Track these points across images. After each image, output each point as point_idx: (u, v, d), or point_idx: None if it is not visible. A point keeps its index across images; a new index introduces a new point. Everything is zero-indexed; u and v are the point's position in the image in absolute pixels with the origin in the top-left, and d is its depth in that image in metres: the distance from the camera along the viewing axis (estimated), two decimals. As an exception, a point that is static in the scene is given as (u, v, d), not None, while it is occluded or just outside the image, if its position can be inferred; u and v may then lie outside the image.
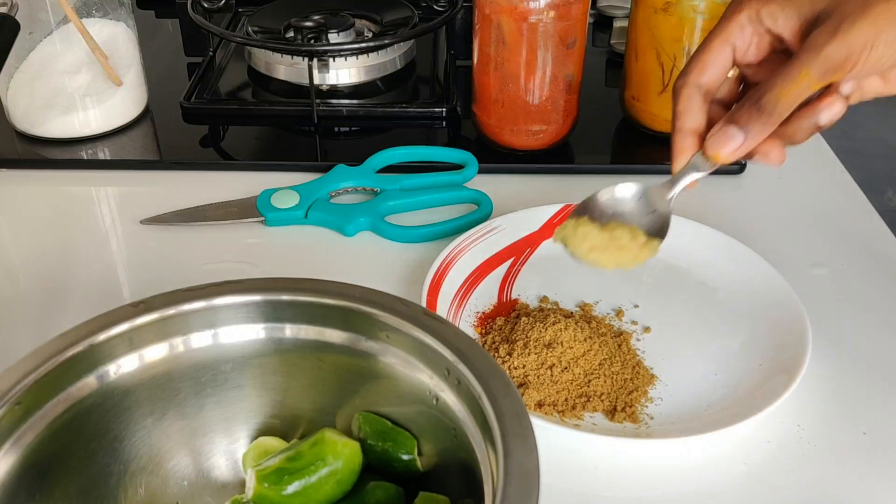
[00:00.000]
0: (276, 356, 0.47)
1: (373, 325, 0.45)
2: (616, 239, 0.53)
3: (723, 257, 0.67)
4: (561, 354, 0.58)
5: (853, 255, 0.70)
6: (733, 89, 0.54)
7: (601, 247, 0.53)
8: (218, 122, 0.86)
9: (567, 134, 0.80)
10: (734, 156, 0.50)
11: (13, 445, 0.40)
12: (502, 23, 0.73)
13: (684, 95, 0.52)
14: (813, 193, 0.77)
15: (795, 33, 0.49)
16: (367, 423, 0.47)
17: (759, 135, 0.49)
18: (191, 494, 0.48)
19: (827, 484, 0.52)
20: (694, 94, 0.52)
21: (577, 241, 0.53)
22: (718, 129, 0.50)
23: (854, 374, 0.59)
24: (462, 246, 0.67)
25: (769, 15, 0.50)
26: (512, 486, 0.35)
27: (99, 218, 0.75)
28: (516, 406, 0.39)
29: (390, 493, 0.45)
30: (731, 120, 0.50)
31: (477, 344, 0.42)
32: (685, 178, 0.53)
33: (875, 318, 0.64)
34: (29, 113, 0.81)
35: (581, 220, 0.54)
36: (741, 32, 0.51)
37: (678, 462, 0.53)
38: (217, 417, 0.48)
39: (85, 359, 0.43)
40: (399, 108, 0.87)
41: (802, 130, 0.51)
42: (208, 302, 0.46)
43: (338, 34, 0.90)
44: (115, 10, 0.81)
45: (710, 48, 0.52)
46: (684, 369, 0.59)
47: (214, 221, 0.72)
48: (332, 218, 0.72)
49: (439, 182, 0.76)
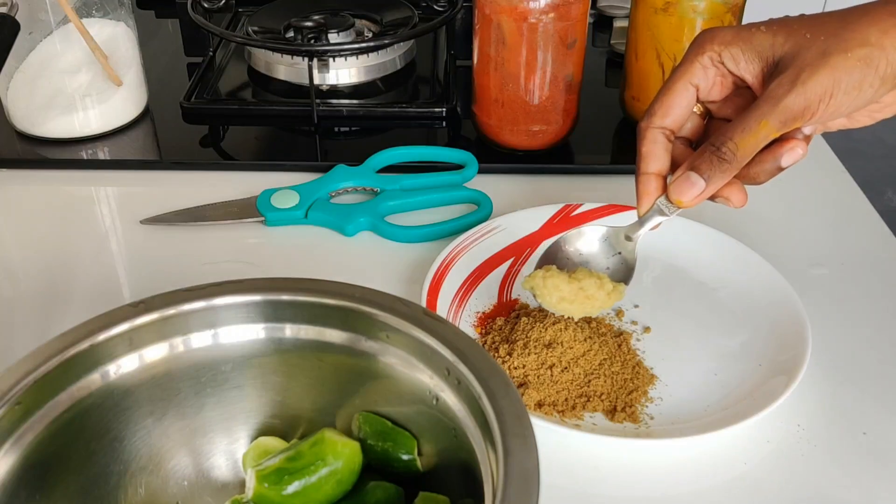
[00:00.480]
0: (276, 356, 0.47)
1: (373, 325, 0.45)
2: (584, 289, 0.56)
3: (723, 257, 0.67)
4: (561, 354, 0.58)
5: (853, 255, 0.70)
6: (697, 125, 0.55)
7: (570, 298, 0.56)
8: (218, 122, 0.86)
9: (567, 134, 0.80)
10: (697, 201, 0.52)
11: (13, 445, 0.40)
12: (502, 23, 0.73)
13: (648, 138, 0.53)
14: (813, 193, 0.77)
15: (757, 76, 0.50)
16: (367, 423, 0.47)
17: (720, 181, 0.51)
18: (191, 494, 0.48)
19: (827, 484, 0.52)
20: (658, 136, 0.53)
21: (547, 293, 0.56)
22: (681, 176, 0.51)
23: (854, 374, 0.59)
24: (462, 246, 0.67)
25: (730, 58, 0.50)
26: (512, 486, 0.35)
27: (99, 218, 0.75)
28: (516, 406, 0.39)
29: (390, 493, 0.45)
30: (692, 167, 0.51)
31: (477, 344, 0.42)
32: (650, 222, 0.55)
33: (875, 317, 0.64)
34: (29, 113, 0.81)
35: (550, 270, 0.56)
36: (704, 73, 0.52)
37: (678, 462, 0.53)
38: (217, 417, 0.48)
39: (85, 359, 0.43)
40: (399, 108, 0.87)
41: (765, 172, 0.52)
42: (208, 302, 0.46)
43: (338, 34, 0.90)
44: (115, 10, 0.81)
45: (673, 90, 0.52)
46: (684, 369, 0.59)
47: (214, 221, 0.72)
48: (332, 218, 0.72)
49: (439, 182, 0.76)
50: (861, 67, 0.47)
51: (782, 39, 0.49)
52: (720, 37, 0.51)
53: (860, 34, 0.47)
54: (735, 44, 0.50)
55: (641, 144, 0.53)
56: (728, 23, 0.75)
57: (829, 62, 0.47)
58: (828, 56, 0.47)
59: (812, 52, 0.47)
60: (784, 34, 0.49)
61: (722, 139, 0.49)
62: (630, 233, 0.56)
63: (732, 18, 0.75)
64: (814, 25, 0.48)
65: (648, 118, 0.53)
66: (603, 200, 0.71)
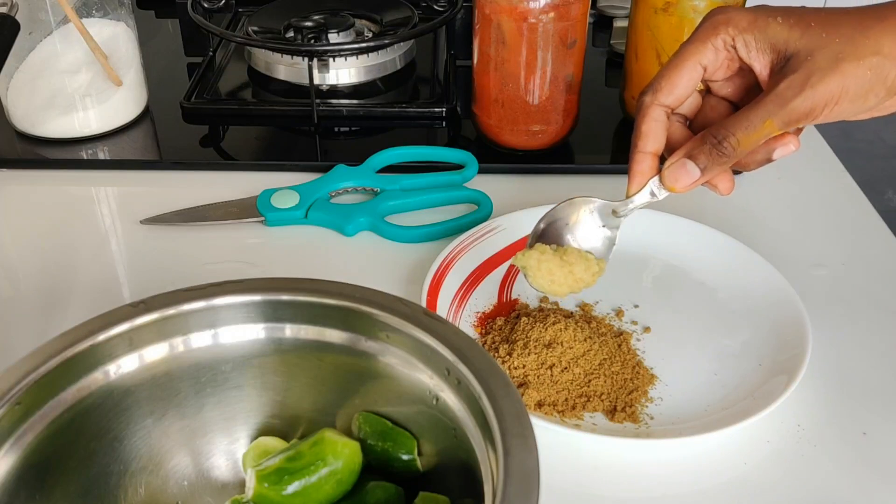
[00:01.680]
0: (276, 356, 0.47)
1: (373, 325, 0.45)
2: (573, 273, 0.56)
3: (723, 257, 0.67)
4: (561, 354, 0.58)
5: (853, 255, 0.70)
6: (696, 102, 0.54)
7: (559, 279, 0.56)
8: (218, 122, 0.86)
9: (567, 134, 0.80)
10: (689, 188, 0.51)
11: (13, 445, 0.40)
12: (502, 23, 0.73)
13: (650, 116, 0.52)
14: (813, 193, 0.77)
15: (766, 66, 0.50)
16: (367, 423, 0.47)
17: (716, 172, 0.51)
18: (191, 494, 0.48)
19: (827, 483, 0.52)
20: (659, 114, 0.52)
21: (540, 276, 0.56)
22: (677, 162, 0.51)
23: (854, 374, 0.59)
24: (462, 246, 0.67)
25: (743, 44, 0.50)
26: (512, 486, 0.35)
27: (99, 218, 0.75)
28: (516, 406, 0.39)
29: (390, 493, 0.45)
30: (690, 155, 0.51)
31: (477, 344, 0.42)
32: (639, 201, 0.54)
33: (875, 317, 0.64)
34: (29, 113, 0.81)
35: (544, 253, 0.56)
36: (714, 55, 0.51)
37: (678, 462, 0.53)
38: (217, 417, 0.48)
39: (85, 359, 0.43)
40: (399, 108, 0.87)
41: (755, 162, 0.52)
42: (208, 302, 0.46)
43: (338, 34, 0.90)
44: (115, 10, 0.81)
45: (681, 68, 0.51)
46: (684, 369, 0.59)
47: (214, 221, 0.72)
48: (332, 218, 0.72)
49: (439, 182, 0.76)
50: (871, 77, 0.47)
51: (798, 35, 0.48)
52: (735, 20, 0.50)
53: (874, 41, 0.47)
54: (750, 31, 0.49)
55: (642, 121, 0.52)
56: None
57: (841, 68, 0.47)
58: (840, 62, 0.47)
59: (825, 54, 0.47)
60: (800, 30, 0.48)
61: (724, 133, 0.49)
62: (619, 209, 0.55)
63: (732, 18, 0.75)
64: (830, 24, 0.48)
65: (653, 94, 0.52)
66: (603, 200, 0.71)
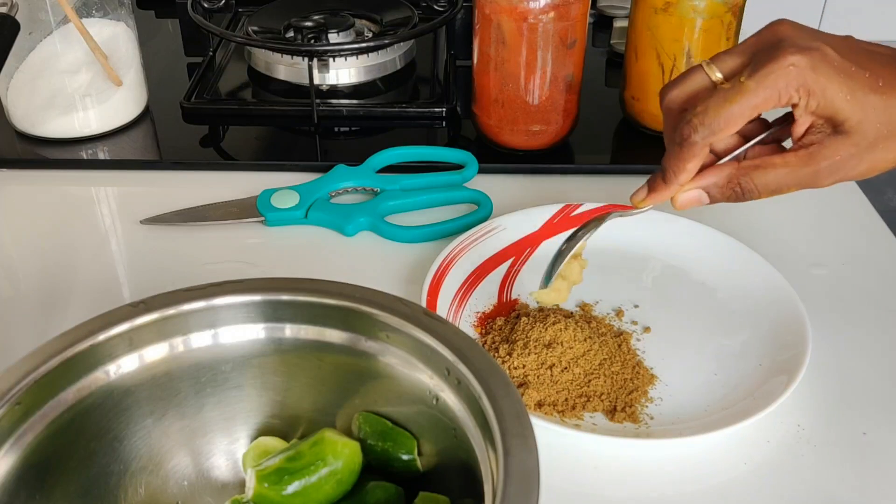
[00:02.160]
0: (276, 356, 0.47)
1: (373, 325, 0.45)
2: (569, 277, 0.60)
3: (723, 257, 0.67)
4: (561, 354, 0.58)
5: (853, 255, 0.70)
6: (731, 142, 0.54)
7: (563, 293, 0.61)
8: (218, 122, 0.86)
9: (567, 134, 0.80)
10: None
11: (13, 445, 0.40)
12: (502, 23, 0.73)
13: (700, 156, 0.51)
14: (813, 193, 0.77)
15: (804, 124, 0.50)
16: (367, 423, 0.47)
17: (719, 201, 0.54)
18: (191, 494, 0.48)
19: (827, 484, 0.52)
20: (706, 151, 0.51)
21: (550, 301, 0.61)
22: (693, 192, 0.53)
23: (854, 374, 0.59)
24: (462, 246, 0.67)
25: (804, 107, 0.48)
26: (512, 486, 0.35)
27: (99, 218, 0.75)
28: (516, 406, 0.39)
29: (390, 493, 0.45)
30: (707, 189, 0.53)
31: (477, 344, 0.42)
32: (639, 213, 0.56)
33: (875, 317, 0.64)
34: (29, 113, 0.81)
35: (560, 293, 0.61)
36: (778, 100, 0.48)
37: (678, 462, 0.53)
38: (217, 417, 0.48)
39: (85, 359, 0.43)
40: (399, 108, 0.87)
41: None
42: (208, 302, 0.46)
43: (338, 34, 0.89)
44: (115, 10, 0.81)
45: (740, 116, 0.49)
46: (684, 369, 0.59)
47: (214, 221, 0.72)
48: (332, 218, 0.72)
49: (439, 182, 0.76)
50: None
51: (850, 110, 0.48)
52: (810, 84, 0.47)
53: None
54: (814, 97, 0.48)
55: (689, 160, 0.51)
56: (728, 23, 0.75)
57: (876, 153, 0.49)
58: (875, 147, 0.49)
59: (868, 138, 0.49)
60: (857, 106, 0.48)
61: (751, 187, 0.52)
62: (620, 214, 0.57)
63: (732, 18, 0.75)
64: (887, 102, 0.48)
65: (710, 135, 0.49)
66: (603, 200, 0.71)
